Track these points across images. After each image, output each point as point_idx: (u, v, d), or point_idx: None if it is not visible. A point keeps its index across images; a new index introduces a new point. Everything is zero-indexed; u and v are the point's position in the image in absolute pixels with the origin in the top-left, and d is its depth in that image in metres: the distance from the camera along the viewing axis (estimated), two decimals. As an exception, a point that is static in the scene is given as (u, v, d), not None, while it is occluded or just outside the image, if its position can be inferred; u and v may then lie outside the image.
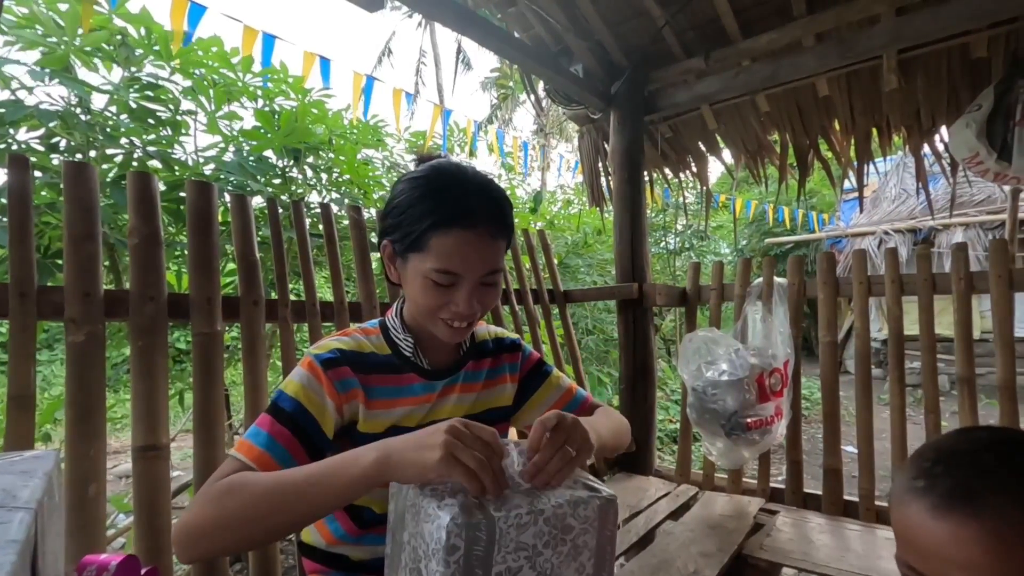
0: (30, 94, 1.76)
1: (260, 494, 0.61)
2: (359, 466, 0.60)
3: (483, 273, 0.75)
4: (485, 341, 0.95)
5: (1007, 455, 0.49)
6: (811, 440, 4.49)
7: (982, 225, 6.60)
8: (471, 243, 0.73)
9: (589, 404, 0.99)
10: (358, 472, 0.60)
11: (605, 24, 2.22)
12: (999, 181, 1.97)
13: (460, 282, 0.75)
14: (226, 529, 0.61)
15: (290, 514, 0.61)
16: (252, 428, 0.72)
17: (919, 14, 1.82)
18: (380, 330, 0.86)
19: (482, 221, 0.73)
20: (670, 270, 7.20)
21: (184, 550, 0.63)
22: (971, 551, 0.45)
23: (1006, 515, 0.45)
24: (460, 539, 0.53)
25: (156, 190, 1.20)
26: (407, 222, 0.74)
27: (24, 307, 1.02)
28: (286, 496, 0.61)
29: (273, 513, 0.60)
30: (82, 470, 1.02)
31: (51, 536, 0.49)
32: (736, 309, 2.11)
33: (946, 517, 0.47)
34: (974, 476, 0.48)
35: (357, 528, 0.80)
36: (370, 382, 0.79)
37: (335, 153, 2.55)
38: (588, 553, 0.62)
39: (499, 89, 16.00)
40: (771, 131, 2.53)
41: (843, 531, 1.64)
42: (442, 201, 0.73)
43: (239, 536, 0.61)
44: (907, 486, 0.52)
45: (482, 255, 0.74)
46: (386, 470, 0.59)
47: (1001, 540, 0.45)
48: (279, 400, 0.74)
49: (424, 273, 0.74)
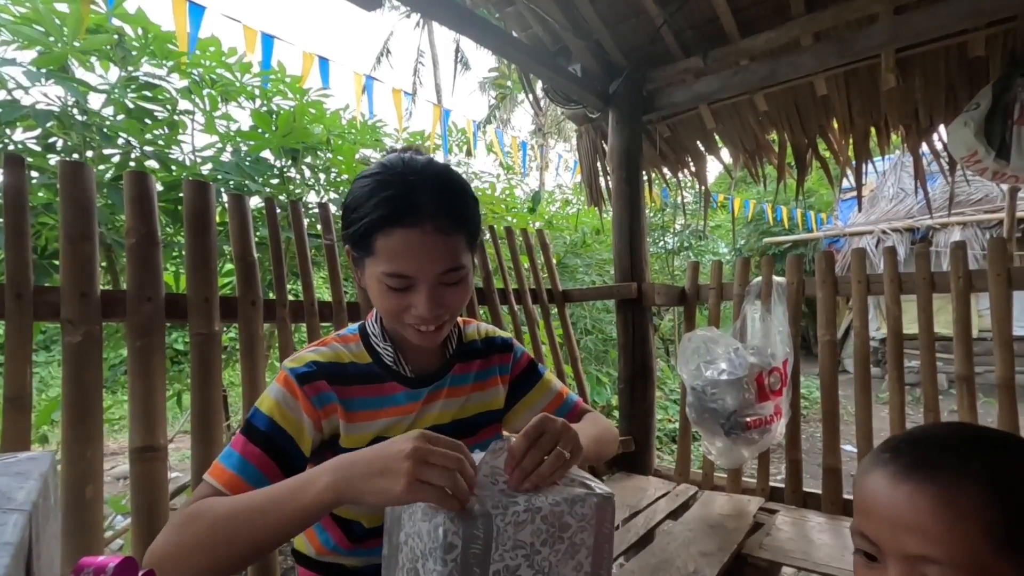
0: (26, 94, 1.75)
1: (218, 520, 0.60)
2: (311, 492, 0.57)
3: (439, 272, 0.70)
4: (474, 341, 0.91)
5: (974, 439, 0.50)
6: (810, 439, 4.49)
7: (980, 224, 6.62)
8: (418, 242, 0.67)
9: (579, 409, 0.97)
10: (309, 499, 0.56)
11: (603, 23, 2.22)
12: (997, 179, 1.97)
13: (415, 284, 0.70)
14: (189, 556, 0.59)
15: (248, 540, 0.58)
16: (226, 450, 0.70)
17: (917, 13, 1.82)
18: (360, 337, 0.82)
19: (429, 216, 0.67)
20: (669, 270, 7.21)
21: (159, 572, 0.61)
22: (923, 515, 0.46)
23: (962, 486, 0.45)
24: (458, 537, 0.53)
25: (153, 190, 1.20)
26: (355, 223, 0.70)
27: (20, 308, 1.01)
28: (241, 522, 0.59)
29: (232, 540, 0.59)
30: (79, 471, 1.01)
31: (46, 538, 0.48)
32: (735, 308, 2.11)
33: (904, 482, 0.48)
34: (938, 451, 0.49)
35: (349, 542, 0.78)
36: (349, 394, 0.76)
37: (333, 153, 2.55)
38: (586, 551, 0.61)
39: (497, 89, 16.00)
40: (769, 130, 2.53)
41: (842, 530, 1.64)
42: (384, 199, 0.67)
43: (203, 563, 0.59)
44: (873, 459, 0.53)
45: (433, 254, 0.69)
46: (341, 497, 0.56)
47: (953, 507, 0.45)
48: (253, 419, 0.71)
49: (376, 277, 0.70)
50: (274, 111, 2.41)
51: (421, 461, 0.53)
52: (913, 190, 7.05)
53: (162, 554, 0.60)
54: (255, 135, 2.25)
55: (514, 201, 5.37)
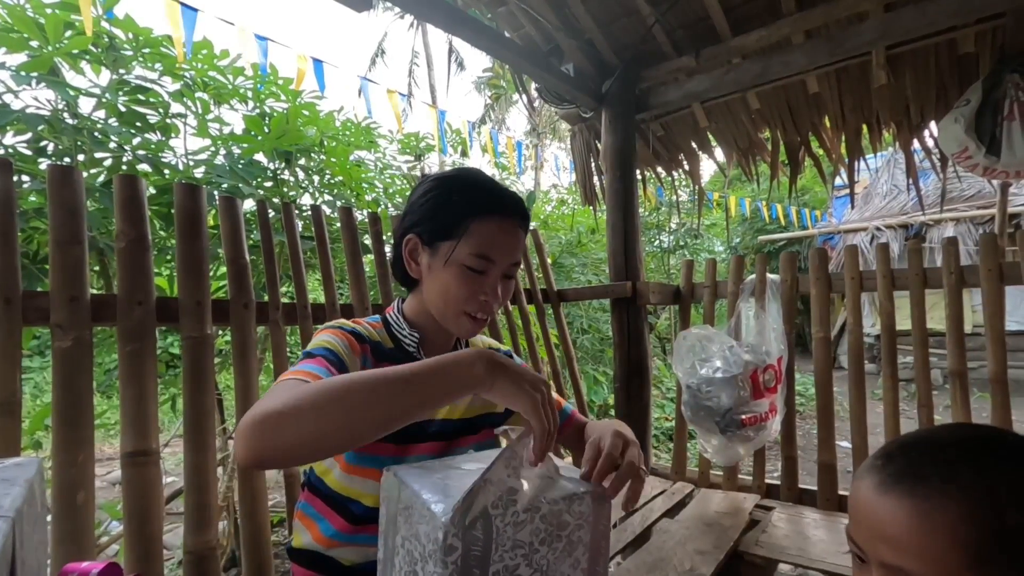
0: (16, 98, 1.74)
1: (354, 384, 0.55)
2: (473, 372, 0.58)
3: (511, 263, 0.80)
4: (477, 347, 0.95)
5: (971, 451, 0.48)
6: (806, 436, 4.51)
7: (972, 220, 6.66)
8: (506, 230, 0.78)
9: (575, 420, 0.97)
10: (464, 373, 0.58)
11: (595, 23, 2.22)
12: (988, 176, 1.98)
13: (491, 269, 0.78)
14: (313, 411, 0.53)
15: (386, 408, 0.55)
16: (295, 367, 0.68)
17: (907, 10, 1.83)
18: (382, 324, 0.86)
19: (513, 213, 0.79)
20: (665, 268, 7.23)
21: (256, 439, 0.53)
22: (900, 528, 0.46)
23: (942, 501, 0.45)
24: (458, 539, 0.53)
25: (143, 193, 1.19)
26: (442, 212, 0.78)
27: (9, 313, 1.01)
28: (380, 391, 0.55)
29: (370, 404, 0.54)
30: (70, 477, 1.01)
31: (32, 545, 0.48)
32: (729, 306, 2.11)
33: (888, 493, 0.48)
34: (929, 462, 0.48)
35: (348, 524, 0.79)
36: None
37: (327, 155, 2.54)
38: (583, 548, 0.62)
39: (492, 89, 16.00)
40: (762, 128, 2.54)
41: (838, 526, 1.65)
42: (480, 191, 0.79)
43: (324, 426, 0.53)
44: (868, 464, 0.53)
45: (515, 244, 0.80)
46: (491, 378, 0.58)
47: (930, 521, 0.45)
48: (313, 351, 0.72)
49: (460, 259, 0.76)
50: (267, 114, 2.41)
51: (544, 397, 0.60)
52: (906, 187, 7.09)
53: (280, 410, 0.53)
54: (248, 138, 2.24)
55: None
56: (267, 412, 0.53)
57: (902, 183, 7.58)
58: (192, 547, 1.15)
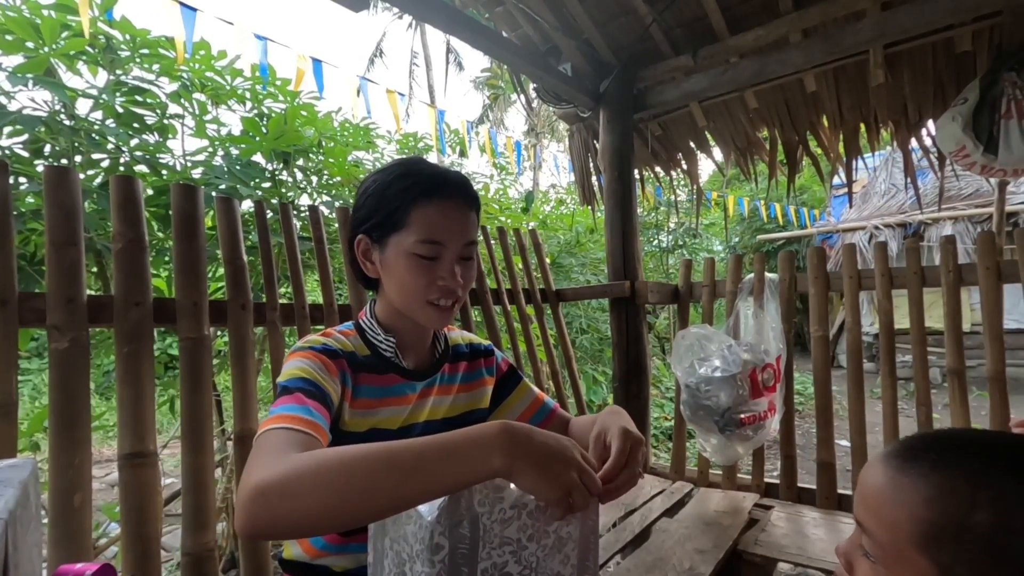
0: (12, 100, 1.74)
1: (354, 466, 0.51)
2: (490, 462, 0.52)
3: (463, 243, 0.78)
4: (459, 345, 0.94)
5: (980, 454, 0.47)
6: (805, 435, 4.51)
7: (970, 218, 6.66)
8: (451, 211, 0.76)
9: (556, 416, 0.97)
10: (480, 467, 0.52)
11: (593, 22, 2.22)
12: (986, 174, 1.98)
13: (444, 253, 0.76)
14: (311, 497, 0.50)
15: (390, 495, 0.50)
16: (275, 408, 0.65)
17: (904, 9, 1.83)
18: (356, 332, 0.84)
19: (457, 192, 0.77)
20: (663, 268, 7.23)
21: (255, 515, 0.51)
22: (874, 490, 0.51)
23: (917, 483, 0.47)
24: (444, 538, 0.53)
25: (140, 194, 1.19)
26: (384, 205, 0.76)
27: (5, 314, 1.00)
28: (380, 477, 0.50)
29: (371, 491, 0.50)
30: (67, 480, 1.00)
31: (26, 547, 0.48)
32: (728, 305, 2.11)
33: (884, 463, 0.52)
34: (935, 450, 0.49)
35: (339, 536, 0.79)
36: (358, 380, 0.78)
37: (325, 155, 2.54)
38: (572, 544, 0.62)
39: (490, 89, 16.00)
40: (760, 127, 2.54)
41: (838, 525, 1.65)
42: (419, 177, 0.76)
43: (322, 511, 0.50)
44: (880, 452, 0.56)
45: (463, 224, 0.77)
46: (511, 472, 0.52)
47: (899, 494, 0.48)
48: (288, 384, 0.68)
49: (408, 249, 0.75)
50: (265, 114, 2.40)
51: (578, 479, 0.54)
52: (904, 185, 7.10)
53: (273, 486, 0.51)
54: (246, 139, 2.24)
55: (508, 201, 5.37)
56: (266, 485, 0.51)
57: (900, 182, 7.58)
58: (190, 548, 1.15)
